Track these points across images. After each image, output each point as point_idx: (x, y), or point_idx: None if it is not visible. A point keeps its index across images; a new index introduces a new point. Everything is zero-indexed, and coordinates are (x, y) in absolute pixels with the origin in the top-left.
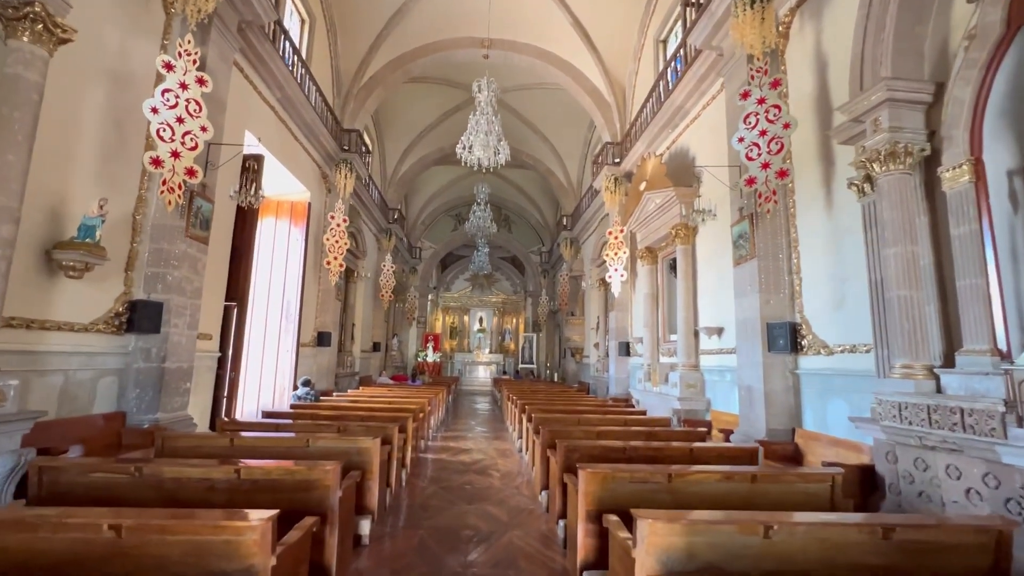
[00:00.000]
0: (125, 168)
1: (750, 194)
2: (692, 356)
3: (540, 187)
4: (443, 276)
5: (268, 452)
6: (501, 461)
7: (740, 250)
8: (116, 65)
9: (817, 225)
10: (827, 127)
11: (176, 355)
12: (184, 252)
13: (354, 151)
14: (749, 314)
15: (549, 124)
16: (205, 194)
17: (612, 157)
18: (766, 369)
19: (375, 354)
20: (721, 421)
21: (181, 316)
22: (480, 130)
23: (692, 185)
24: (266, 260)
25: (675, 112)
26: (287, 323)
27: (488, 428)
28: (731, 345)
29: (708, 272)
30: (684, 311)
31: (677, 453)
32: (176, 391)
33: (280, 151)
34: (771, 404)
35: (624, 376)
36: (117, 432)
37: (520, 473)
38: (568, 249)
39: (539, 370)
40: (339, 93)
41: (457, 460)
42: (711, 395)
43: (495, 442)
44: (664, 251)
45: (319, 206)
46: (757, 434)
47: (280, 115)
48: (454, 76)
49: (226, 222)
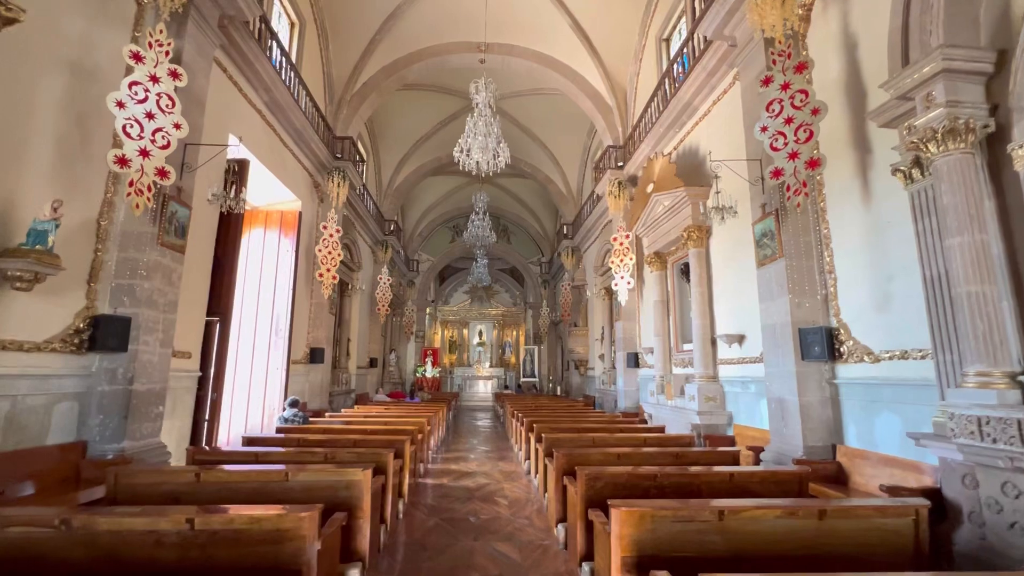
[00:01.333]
0: (88, 169)
1: (775, 188)
2: (710, 366)
3: (539, 196)
4: (441, 289)
5: (239, 490)
6: (508, 486)
7: (764, 250)
8: (78, 55)
9: (852, 219)
10: (859, 112)
11: (146, 375)
12: (156, 262)
13: (347, 159)
14: (777, 319)
15: (548, 131)
16: (181, 198)
17: (615, 161)
18: (800, 379)
19: (372, 370)
20: (746, 437)
21: (152, 332)
22: (478, 132)
23: (704, 184)
24: (254, 272)
25: (683, 110)
26: (276, 339)
27: (491, 447)
28: (754, 353)
29: (725, 275)
30: (699, 318)
31: (715, 480)
32: (146, 416)
33: (268, 157)
34: (807, 418)
35: (634, 389)
36: (75, 465)
37: (530, 500)
38: (569, 258)
39: (541, 384)
40: (331, 100)
41: (460, 485)
42: (733, 408)
43: (500, 463)
44: (674, 256)
45: (311, 216)
46: (792, 452)
47: (267, 119)
48: (450, 83)
49: (207, 230)
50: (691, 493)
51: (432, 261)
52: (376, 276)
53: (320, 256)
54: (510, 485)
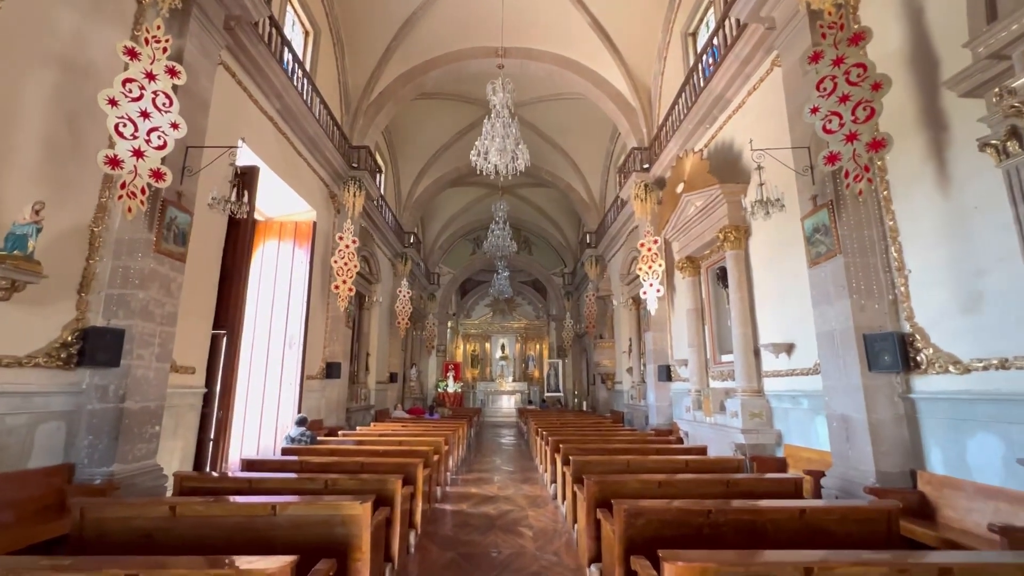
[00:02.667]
0: (81, 172)
1: (828, 177)
2: (753, 379)
3: (560, 206)
4: (462, 302)
5: (219, 526)
6: (533, 513)
7: (817, 247)
8: (70, 52)
9: (925, 208)
10: (930, 84)
11: (140, 393)
12: (153, 270)
13: (363, 168)
14: (836, 325)
15: (568, 138)
16: (181, 204)
17: (640, 163)
18: (868, 394)
19: (392, 385)
20: (800, 459)
21: (148, 346)
22: (496, 134)
23: (741, 181)
24: (268, 284)
25: (714, 103)
26: (290, 353)
27: (514, 467)
28: (806, 364)
29: (767, 279)
30: (740, 327)
31: (783, 518)
32: (140, 436)
33: (280, 165)
34: (879, 439)
35: (666, 404)
36: (60, 491)
37: (557, 532)
38: (593, 268)
39: (566, 398)
40: (347, 110)
41: (480, 512)
42: (781, 426)
43: (524, 486)
44: (708, 260)
45: (326, 226)
46: (861, 478)
47: (280, 127)
48: (468, 91)
49: (213, 239)
50: (754, 535)
51: (453, 274)
52: (395, 289)
53: (336, 267)
54: (535, 512)
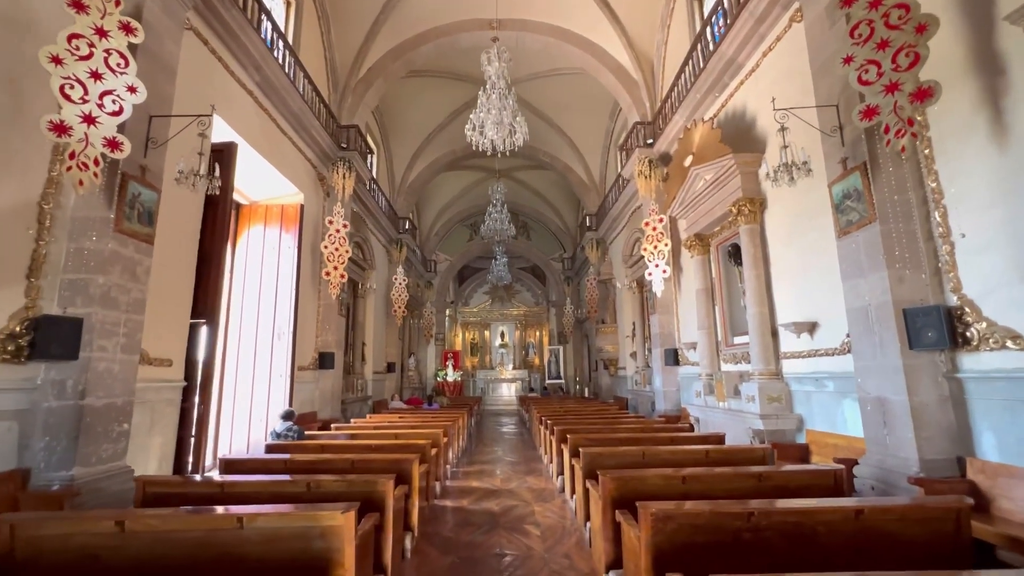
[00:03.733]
0: (25, 142)
1: (861, 137)
2: (771, 362)
3: (559, 189)
4: (461, 290)
5: (176, 542)
6: (539, 508)
7: (847, 215)
8: (7, 7)
9: (975, 165)
10: (983, 24)
11: (103, 388)
12: (114, 253)
13: (353, 149)
14: (871, 299)
15: (567, 116)
16: (146, 179)
17: (643, 139)
18: (909, 374)
19: (390, 375)
20: (824, 445)
21: (111, 336)
22: (492, 106)
23: (756, 150)
24: (254, 271)
25: (724, 69)
26: (280, 344)
27: (517, 457)
28: (831, 344)
29: (786, 254)
30: (756, 306)
31: (836, 519)
32: (105, 436)
33: (262, 144)
34: (922, 424)
35: (673, 389)
36: (13, 498)
37: (566, 529)
38: (594, 251)
39: (567, 385)
40: (335, 88)
41: (482, 509)
42: (803, 410)
43: (528, 478)
44: (719, 236)
45: (315, 210)
46: (902, 467)
47: (260, 102)
48: (461, 67)
49: (188, 220)
50: (803, 540)
51: (450, 261)
52: (391, 276)
53: (327, 253)
54: (541, 508)
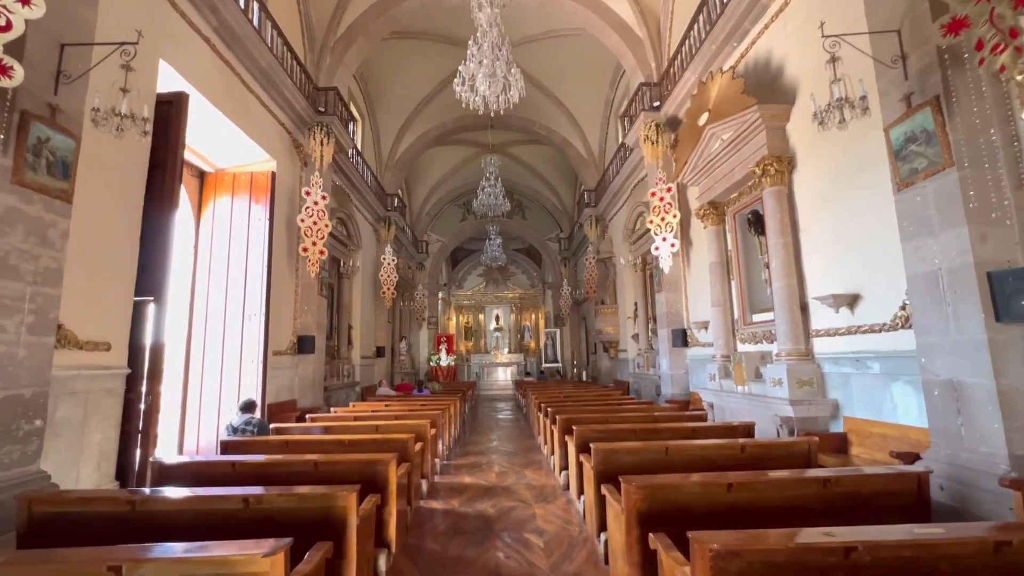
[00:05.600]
0: None
1: (934, 63)
2: (801, 340)
3: (555, 166)
4: (454, 273)
5: None
6: (540, 511)
7: (911, 163)
8: None
9: None
10: None
11: (4, 377)
12: (14, 210)
13: (332, 113)
14: (941, 263)
15: (564, 85)
16: (57, 122)
17: (649, 101)
18: (995, 351)
19: (379, 360)
20: (868, 435)
21: (12, 314)
22: (484, 56)
23: (783, 102)
24: (222, 246)
25: (745, 12)
26: (250, 326)
27: (514, 446)
28: (879, 318)
29: (819, 218)
30: (783, 278)
31: (968, 552)
32: (8, 436)
33: (224, 100)
34: (1012, 412)
35: (681, 372)
36: None
37: (574, 540)
38: (593, 229)
39: (565, 369)
40: (311, 48)
41: (476, 512)
42: (839, 395)
43: (527, 472)
44: (736, 203)
45: (291, 181)
46: (984, 463)
47: (220, 52)
48: (450, 29)
49: (130, 182)
50: None
51: (443, 242)
52: (379, 256)
53: (303, 227)
54: (544, 510)
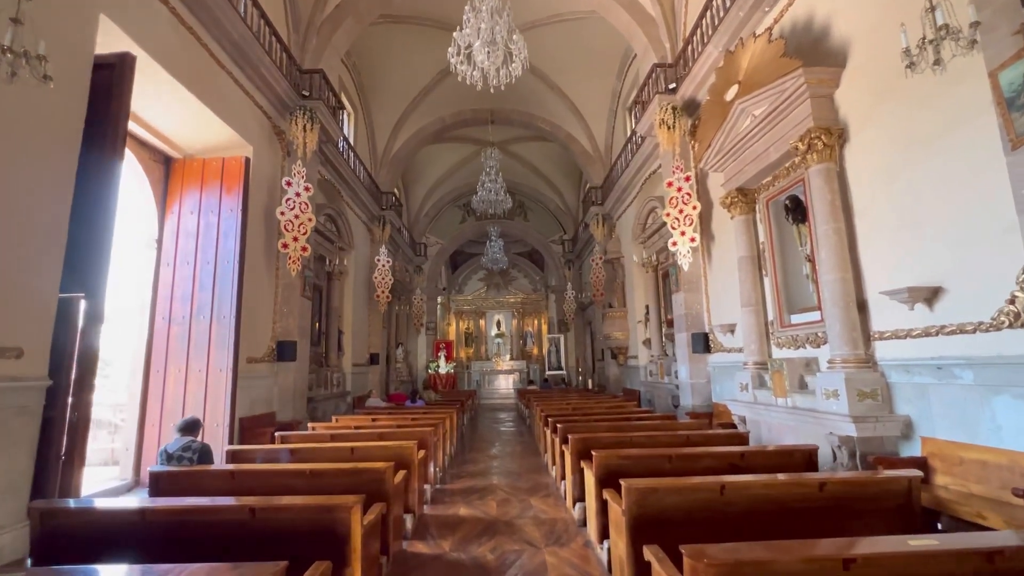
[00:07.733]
0: None
1: None
2: (859, 344)
3: (559, 164)
4: (453, 277)
5: None
6: (553, 558)
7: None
8: None
9: None
10: None
11: None
12: None
13: (318, 98)
14: None
15: (568, 76)
16: None
17: (664, 83)
18: None
19: (373, 368)
20: (957, 461)
21: None
22: (482, 21)
23: (832, 65)
24: (189, 242)
25: None
26: (220, 330)
27: (518, 467)
28: (972, 316)
29: (880, 198)
30: (835, 271)
31: None
32: None
33: (184, 72)
34: None
35: (703, 381)
36: None
37: None
38: (600, 228)
39: (569, 376)
40: (296, 28)
41: (471, 559)
42: (910, 410)
43: (533, 501)
44: (770, 189)
45: (271, 171)
46: None
47: (182, 17)
48: (447, 14)
49: (51, 150)
50: None
51: (442, 244)
52: (373, 258)
53: (284, 220)
54: (556, 557)
